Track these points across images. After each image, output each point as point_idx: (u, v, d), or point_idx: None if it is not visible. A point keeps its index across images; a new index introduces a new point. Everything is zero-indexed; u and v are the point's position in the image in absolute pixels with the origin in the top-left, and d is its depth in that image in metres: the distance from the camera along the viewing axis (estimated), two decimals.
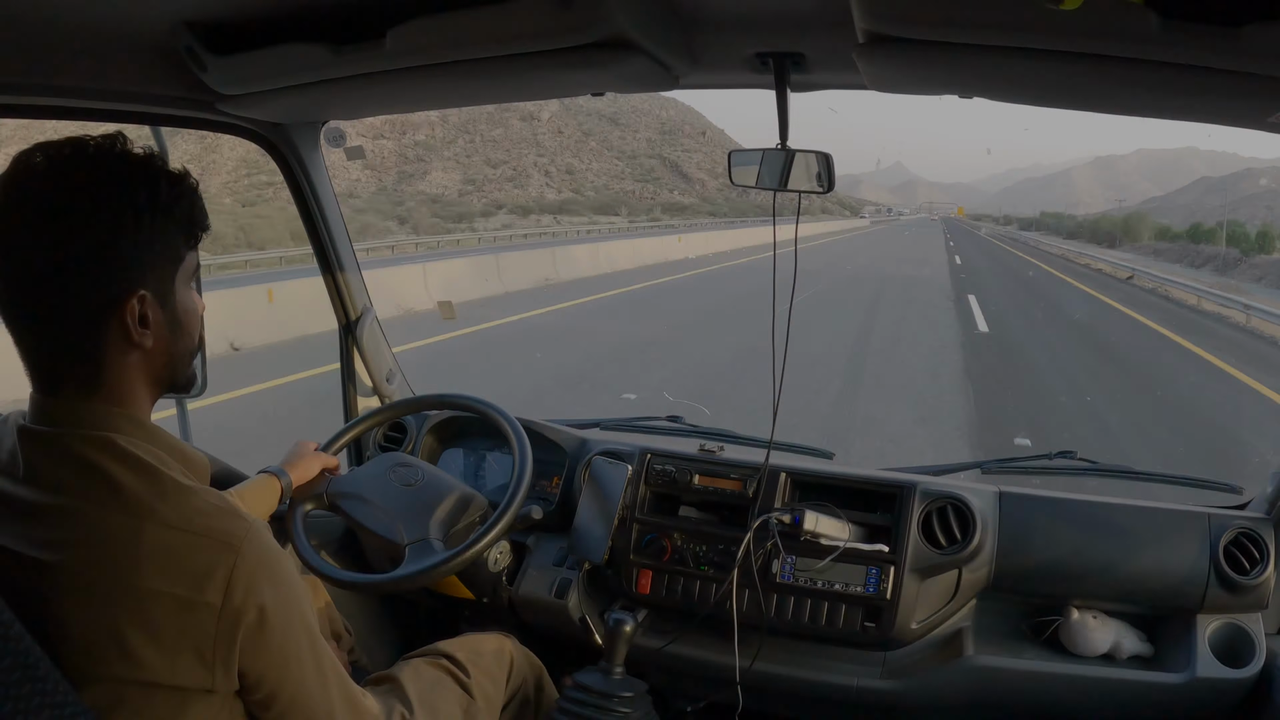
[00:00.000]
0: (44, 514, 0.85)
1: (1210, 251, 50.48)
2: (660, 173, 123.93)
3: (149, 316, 0.88)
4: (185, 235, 0.91)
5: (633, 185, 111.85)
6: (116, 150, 0.87)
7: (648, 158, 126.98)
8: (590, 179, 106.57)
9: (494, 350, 9.50)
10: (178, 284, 0.92)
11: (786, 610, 1.62)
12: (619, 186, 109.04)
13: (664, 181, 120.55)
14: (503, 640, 1.57)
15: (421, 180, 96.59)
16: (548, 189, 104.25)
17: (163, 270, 0.89)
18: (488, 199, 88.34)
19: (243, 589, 0.85)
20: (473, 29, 1.06)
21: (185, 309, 0.93)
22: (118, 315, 0.86)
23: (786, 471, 1.70)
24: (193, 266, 0.94)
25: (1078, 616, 1.59)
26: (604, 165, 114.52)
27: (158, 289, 0.89)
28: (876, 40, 0.98)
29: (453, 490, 1.61)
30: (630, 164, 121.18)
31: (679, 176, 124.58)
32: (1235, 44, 0.83)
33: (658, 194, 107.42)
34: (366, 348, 2.00)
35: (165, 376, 0.94)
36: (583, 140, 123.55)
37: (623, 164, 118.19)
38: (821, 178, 1.30)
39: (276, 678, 0.91)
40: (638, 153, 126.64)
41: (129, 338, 0.87)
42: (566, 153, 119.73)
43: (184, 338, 0.94)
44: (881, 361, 9.40)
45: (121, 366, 0.89)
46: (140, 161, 0.88)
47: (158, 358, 0.91)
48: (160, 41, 1.21)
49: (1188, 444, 6.71)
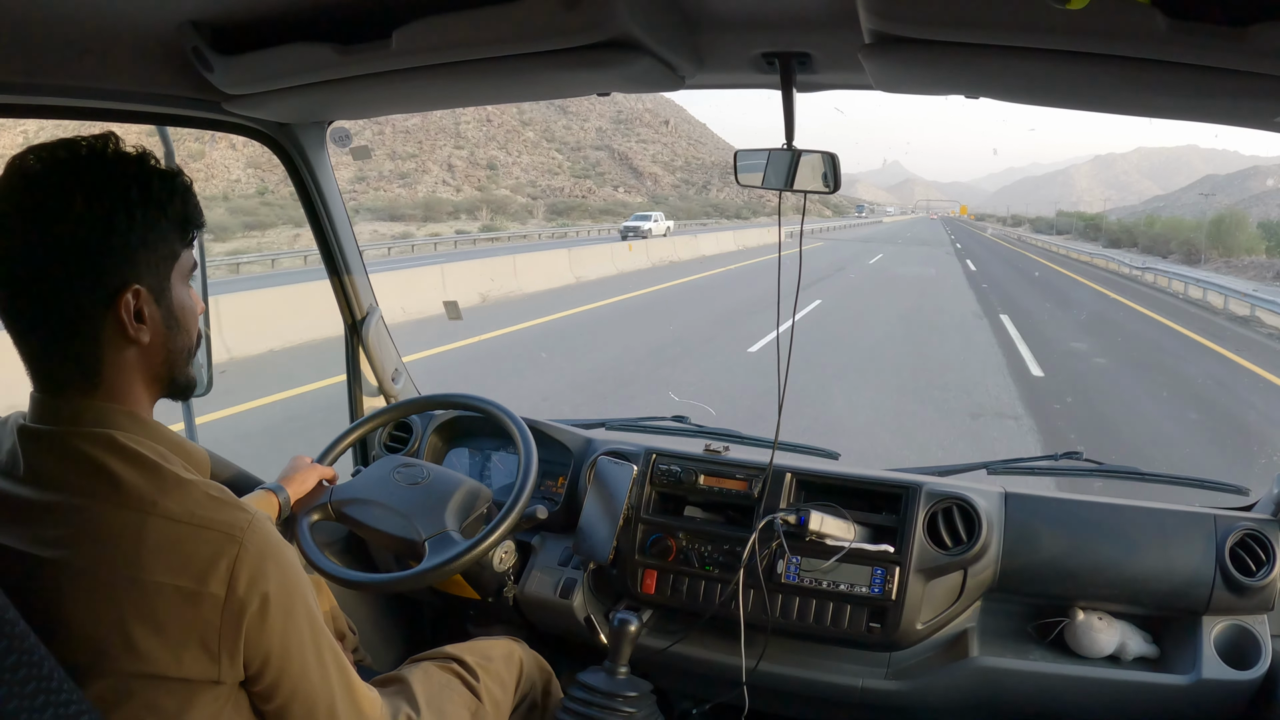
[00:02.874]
0: (46, 512, 0.86)
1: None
2: (606, 166, 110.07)
3: (144, 311, 0.89)
4: (180, 233, 0.92)
5: (566, 182, 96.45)
6: (109, 150, 0.88)
7: (594, 149, 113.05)
8: (516, 174, 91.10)
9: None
10: (174, 281, 0.92)
11: (791, 611, 1.62)
12: (547, 183, 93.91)
13: (609, 176, 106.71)
14: (512, 644, 1.58)
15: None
16: (444, 187, 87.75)
17: (158, 266, 0.90)
18: (354, 201, 72.02)
19: (246, 579, 0.86)
20: (479, 29, 1.06)
21: (182, 306, 0.94)
22: (113, 311, 0.87)
23: (792, 472, 1.70)
24: (189, 265, 0.95)
25: (1083, 618, 1.58)
26: (537, 159, 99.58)
27: (153, 284, 0.90)
28: (882, 40, 0.98)
29: (461, 483, 1.61)
30: (572, 156, 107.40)
31: (628, 170, 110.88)
32: (1241, 44, 0.83)
33: (595, 190, 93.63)
34: (373, 347, 2.01)
35: (164, 374, 0.94)
36: (517, 131, 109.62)
37: (562, 156, 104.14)
38: (827, 178, 1.30)
39: (279, 667, 0.91)
40: (583, 144, 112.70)
41: (125, 333, 0.88)
42: (492, 144, 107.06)
43: (181, 335, 0.94)
44: None
45: (119, 363, 0.89)
46: (133, 160, 0.89)
47: (155, 354, 0.92)
48: (166, 42, 1.21)
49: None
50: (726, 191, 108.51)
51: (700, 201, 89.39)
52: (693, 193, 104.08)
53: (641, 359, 9.37)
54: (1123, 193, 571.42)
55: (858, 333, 11.75)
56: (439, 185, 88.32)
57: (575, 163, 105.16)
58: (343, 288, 1.95)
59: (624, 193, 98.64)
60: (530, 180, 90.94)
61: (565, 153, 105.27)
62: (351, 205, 73.07)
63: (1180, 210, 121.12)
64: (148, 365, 0.92)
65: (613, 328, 12.02)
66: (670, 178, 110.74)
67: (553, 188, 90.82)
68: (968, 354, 10.46)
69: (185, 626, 0.84)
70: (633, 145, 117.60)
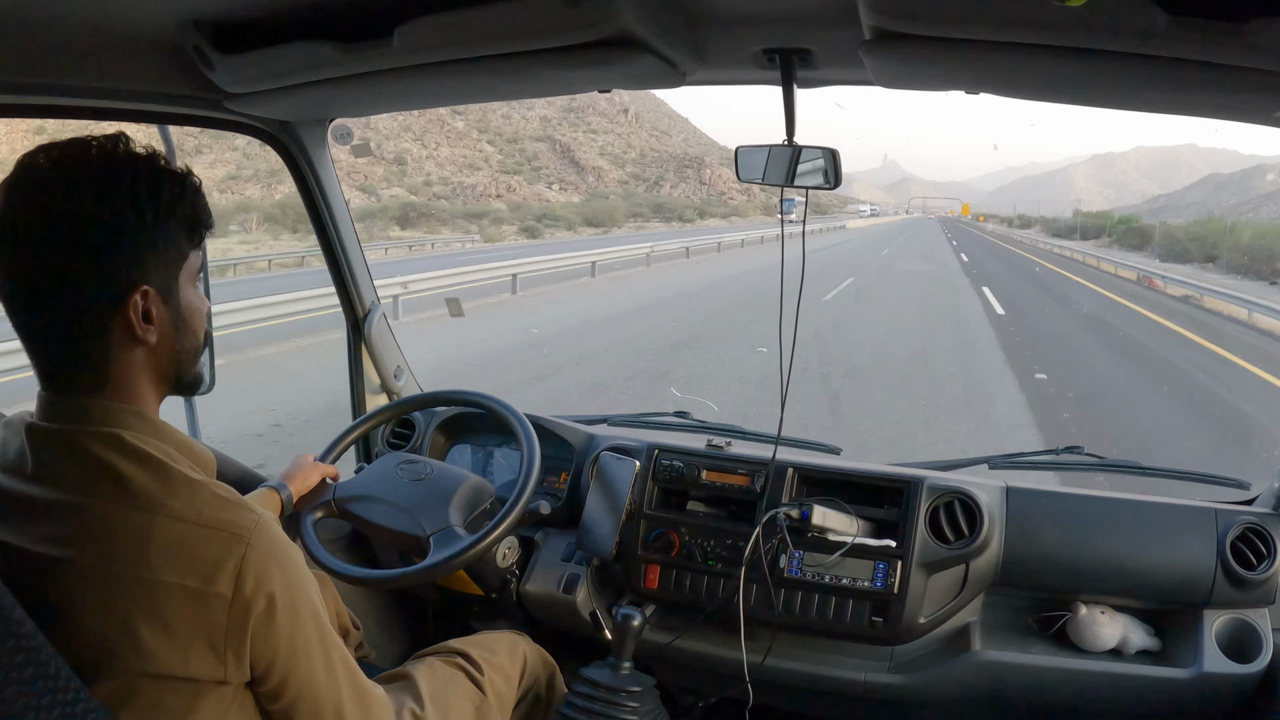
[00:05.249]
0: (54, 511, 0.86)
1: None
2: (545, 159, 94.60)
3: (152, 312, 0.89)
4: (189, 233, 0.92)
5: (485, 178, 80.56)
6: (120, 150, 0.88)
7: (533, 141, 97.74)
8: (428, 170, 76.34)
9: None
10: (181, 281, 0.93)
11: (794, 605, 1.63)
12: (461, 180, 78.68)
13: (545, 171, 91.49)
14: (517, 638, 1.58)
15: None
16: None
17: (166, 267, 0.90)
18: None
19: (253, 579, 0.86)
20: (480, 26, 1.06)
21: (190, 306, 0.94)
22: (121, 311, 0.87)
23: (794, 467, 1.71)
24: (197, 265, 0.95)
25: (1085, 612, 1.59)
26: (459, 152, 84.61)
27: (161, 285, 0.90)
28: (883, 36, 0.98)
29: (464, 478, 1.62)
30: (506, 149, 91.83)
31: (568, 164, 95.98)
32: (1241, 39, 0.83)
33: (517, 188, 78.29)
34: (375, 345, 2.01)
35: (171, 374, 0.94)
36: (443, 120, 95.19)
37: (494, 149, 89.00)
38: (828, 174, 1.31)
39: (285, 667, 0.91)
40: (521, 135, 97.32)
41: (133, 334, 0.88)
42: (407, 135, 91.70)
43: (189, 335, 0.95)
44: None
45: (127, 363, 0.90)
46: (143, 160, 0.89)
47: (163, 354, 0.92)
48: (168, 40, 1.21)
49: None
50: (682, 188, 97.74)
51: (649, 200, 76.35)
52: (642, 189, 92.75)
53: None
54: (1122, 192, 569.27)
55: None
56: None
57: (508, 156, 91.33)
58: (344, 285, 1.95)
59: (558, 190, 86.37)
60: (443, 177, 77.91)
61: (499, 144, 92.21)
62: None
63: (1184, 210, 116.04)
64: (155, 365, 0.92)
65: None
66: (617, 172, 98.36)
67: (465, 185, 76.96)
68: None
69: (192, 626, 0.85)
70: (579, 136, 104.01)
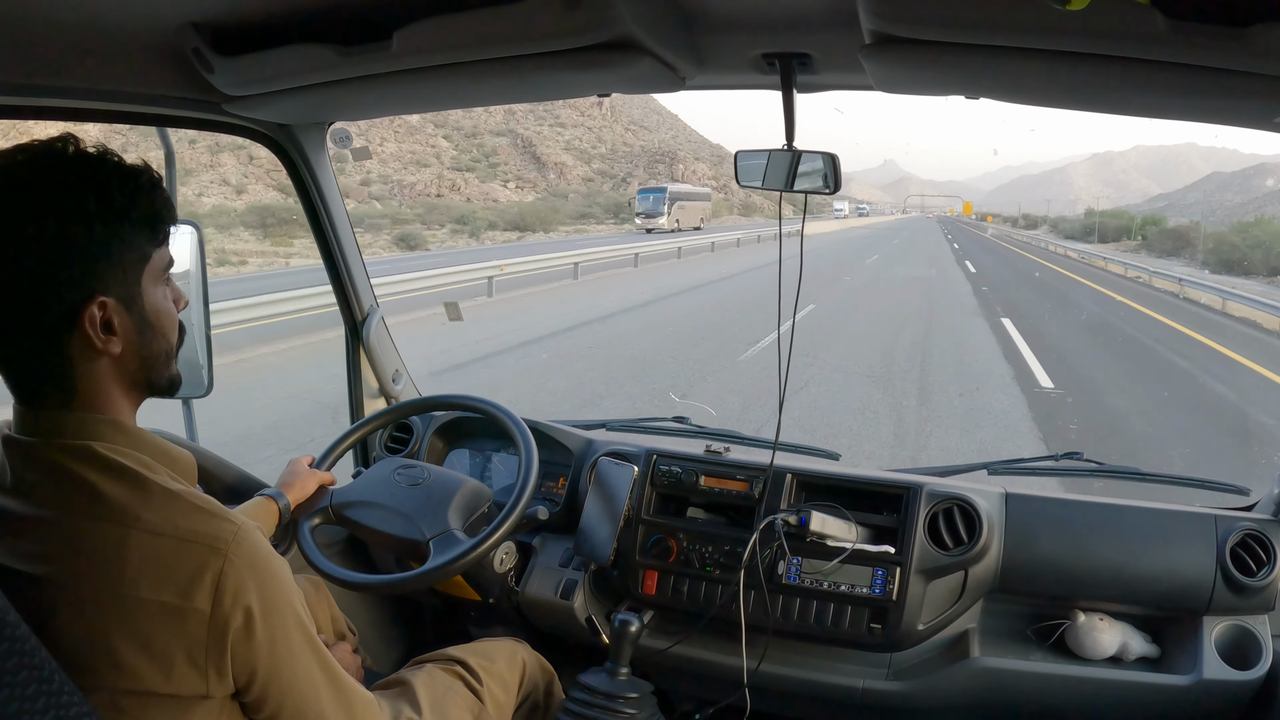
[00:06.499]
0: (29, 526, 0.84)
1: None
2: (504, 155, 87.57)
3: (114, 322, 0.86)
4: (149, 233, 0.88)
5: (431, 175, 73.42)
6: (67, 154, 0.83)
7: (493, 135, 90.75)
8: (369, 167, 68.95)
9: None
10: (145, 285, 0.89)
11: (793, 612, 1.62)
12: (401, 178, 71.69)
13: (502, 167, 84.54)
14: (515, 645, 1.58)
15: None
16: (225, 188, 56.28)
17: (125, 273, 0.86)
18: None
19: (231, 592, 0.84)
20: (479, 30, 1.06)
21: (156, 309, 0.90)
22: (78, 326, 0.84)
23: (792, 473, 1.70)
24: (163, 264, 0.91)
25: (1084, 619, 1.58)
26: (408, 147, 77.68)
27: (121, 293, 0.86)
28: (883, 41, 0.98)
29: (462, 483, 1.61)
30: (462, 144, 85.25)
31: (530, 160, 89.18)
32: (1241, 44, 0.83)
33: (463, 186, 72.19)
34: (374, 348, 2.01)
35: (142, 379, 0.91)
36: (395, 115, 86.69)
37: (449, 144, 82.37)
38: (828, 178, 1.30)
39: (266, 679, 0.90)
40: (480, 130, 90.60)
41: (93, 346, 0.85)
42: (350, 130, 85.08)
43: (157, 338, 0.91)
44: None
45: (92, 375, 0.87)
46: (90, 163, 0.84)
47: (129, 362, 0.89)
48: (167, 43, 1.21)
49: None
50: (655, 184, 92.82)
51: (612, 198, 69.88)
52: (608, 187, 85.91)
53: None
54: (1121, 191, 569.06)
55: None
56: (247, 184, 58.43)
57: (463, 151, 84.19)
58: (343, 288, 1.95)
59: (514, 188, 79.81)
60: (384, 175, 70.97)
61: (455, 139, 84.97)
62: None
63: (1187, 210, 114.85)
64: (123, 373, 0.89)
65: None
66: (582, 169, 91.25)
67: (405, 183, 70.46)
68: None
69: (171, 642, 0.83)
70: (543, 130, 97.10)
